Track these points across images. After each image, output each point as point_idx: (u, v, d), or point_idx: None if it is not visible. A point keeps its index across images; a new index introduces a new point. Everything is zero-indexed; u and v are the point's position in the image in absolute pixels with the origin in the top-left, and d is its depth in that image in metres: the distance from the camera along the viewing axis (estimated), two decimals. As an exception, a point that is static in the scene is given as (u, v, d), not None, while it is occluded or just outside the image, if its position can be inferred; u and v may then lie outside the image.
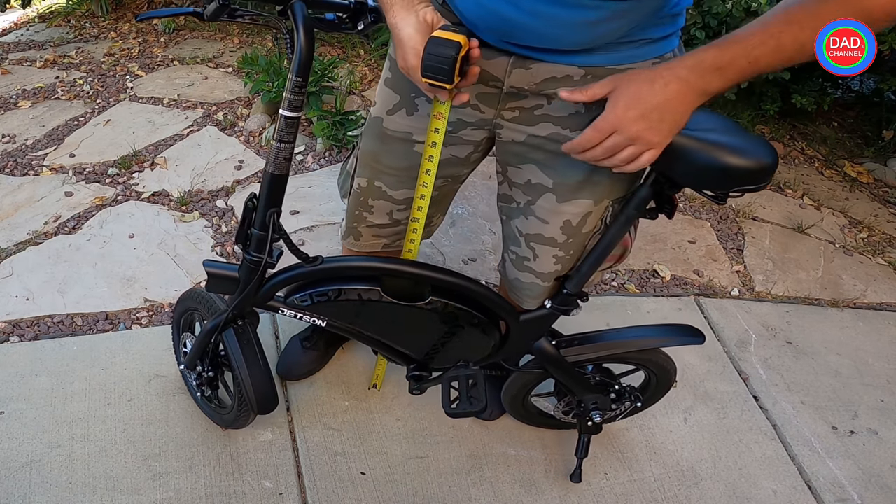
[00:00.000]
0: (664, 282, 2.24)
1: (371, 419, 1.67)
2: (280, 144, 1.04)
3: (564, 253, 1.21)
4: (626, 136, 0.88)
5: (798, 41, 0.81)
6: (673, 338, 1.42)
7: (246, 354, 1.34)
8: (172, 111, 2.88)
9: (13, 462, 1.48)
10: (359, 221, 1.33)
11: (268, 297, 1.23)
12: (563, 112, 1.07)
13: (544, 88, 1.04)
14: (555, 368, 1.39)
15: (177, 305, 1.55)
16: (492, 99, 1.10)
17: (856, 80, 3.53)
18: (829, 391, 1.93)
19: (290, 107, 1.01)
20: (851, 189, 2.97)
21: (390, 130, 1.19)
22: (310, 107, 2.73)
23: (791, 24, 0.81)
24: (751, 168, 0.95)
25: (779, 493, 1.64)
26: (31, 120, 2.78)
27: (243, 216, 1.12)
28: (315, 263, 1.17)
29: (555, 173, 1.13)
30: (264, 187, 1.08)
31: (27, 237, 2.12)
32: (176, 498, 1.45)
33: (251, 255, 1.14)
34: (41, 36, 3.69)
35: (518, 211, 1.22)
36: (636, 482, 1.62)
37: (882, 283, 2.40)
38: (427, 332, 1.31)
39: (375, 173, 1.25)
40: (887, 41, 2.51)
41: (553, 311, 1.28)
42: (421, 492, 1.54)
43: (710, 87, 0.85)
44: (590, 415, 1.46)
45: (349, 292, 1.22)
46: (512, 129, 1.12)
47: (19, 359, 1.71)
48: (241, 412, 1.46)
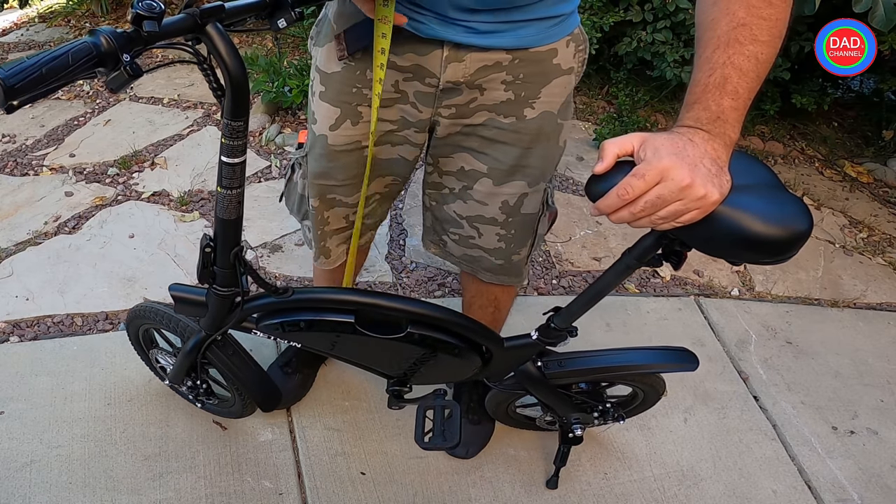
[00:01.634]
0: (664, 282, 2.24)
1: (371, 419, 1.67)
2: (227, 192, 0.95)
3: (506, 231, 1.26)
4: (675, 188, 0.73)
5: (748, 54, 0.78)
6: (665, 364, 1.33)
7: (237, 364, 1.34)
8: (172, 111, 2.88)
9: (13, 462, 1.48)
10: (324, 239, 1.35)
11: (239, 321, 1.20)
12: (496, 100, 1.12)
13: (478, 78, 1.09)
14: (536, 390, 1.34)
15: (127, 327, 1.49)
16: (428, 98, 1.13)
17: (856, 80, 3.53)
18: (829, 391, 1.92)
19: (231, 153, 0.89)
20: (851, 189, 2.97)
21: (338, 146, 1.20)
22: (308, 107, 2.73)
23: (730, 46, 0.78)
24: (779, 238, 0.78)
25: (779, 493, 1.64)
26: (31, 120, 2.78)
27: (202, 259, 1.06)
28: (285, 295, 1.12)
29: (488, 159, 1.18)
30: (219, 232, 1.02)
31: (27, 237, 2.12)
32: (176, 498, 1.45)
33: (219, 290, 1.10)
34: (41, 36, 3.69)
35: (453, 196, 1.26)
36: (636, 482, 1.62)
37: (882, 283, 2.39)
38: (405, 359, 1.26)
39: (327, 189, 1.27)
40: (887, 41, 2.51)
41: (538, 342, 1.23)
42: (421, 492, 1.54)
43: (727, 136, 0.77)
44: (571, 428, 1.44)
45: (322, 324, 1.16)
46: (448, 124, 1.17)
47: (19, 359, 1.71)
48: (245, 402, 1.46)
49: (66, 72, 0.66)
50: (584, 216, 2.48)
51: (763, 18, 0.79)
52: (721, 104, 0.76)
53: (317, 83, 1.19)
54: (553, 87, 1.13)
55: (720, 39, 0.78)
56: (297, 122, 2.81)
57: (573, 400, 1.42)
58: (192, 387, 1.45)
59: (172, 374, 1.42)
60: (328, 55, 1.15)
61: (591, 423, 1.50)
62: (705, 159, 0.74)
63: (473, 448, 1.62)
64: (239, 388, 1.40)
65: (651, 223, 0.77)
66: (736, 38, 0.78)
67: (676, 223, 0.77)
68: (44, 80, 0.65)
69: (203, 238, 1.05)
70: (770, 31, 0.79)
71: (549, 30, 1.07)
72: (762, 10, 0.78)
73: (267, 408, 1.39)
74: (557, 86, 1.14)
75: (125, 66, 0.69)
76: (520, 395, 1.46)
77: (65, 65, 0.66)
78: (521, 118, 1.14)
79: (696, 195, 0.73)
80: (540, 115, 1.15)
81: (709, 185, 0.73)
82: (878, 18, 2.13)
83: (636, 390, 1.47)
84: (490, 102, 1.13)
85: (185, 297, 1.18)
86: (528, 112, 1.14)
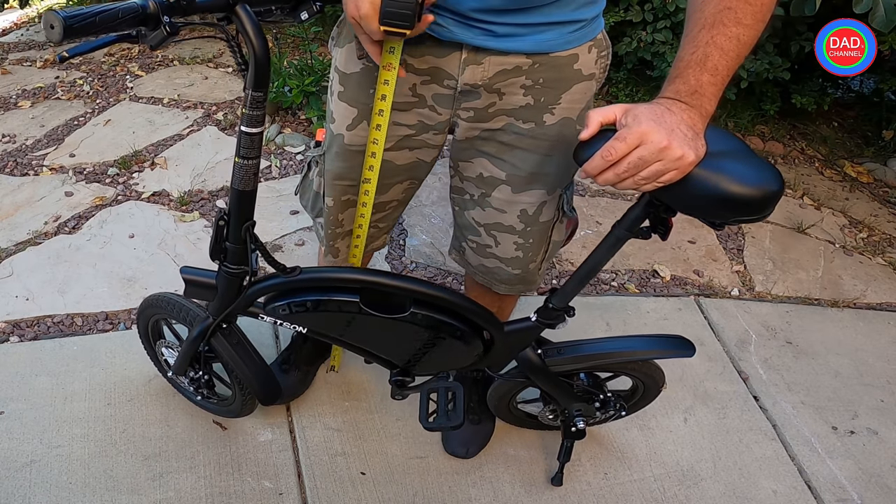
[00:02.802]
0: (664, 282, 2.24)
1: (371, 419, 1.67)
2: (244, 161, 1.01)
3: (524, 240, 1.25)
4: (654, 149, 0.81)
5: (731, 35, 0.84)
6: (662, 350, 1.37)
7: (240, 354, 1.34)
8: (172, 111, 2.88)
9: (13, 462, 1.48)
10: (334, 238, 1.36)
11: (247, 304, 1.22)
12: (515, 105, 1.11)
13: (496, 82, 1.08)
14: (538, 378, 1.36)
15: (139, 318, 1.51)
16: (447, 100, 1.12)
17: (856, 80, 3.53)
18: (829, 391, 1.93)
19: (251, 123, 0.97)
20: (851, 189, 2.97)
21: (353, 146, 1.20)
22: (309, 107, 2.73)
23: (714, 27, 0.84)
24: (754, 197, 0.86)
25: (779, 493, 1.64)
26: (31, 120, 2.78)
27: (215, 233, 1.10)
28: (293, 274, 1.15)
29: (507, 165, 1.17)
30: (234, 204, 1.06)
31: (27, 237, 2.12)
32: (176, 498, 1.45)
33: (230, 268, 1.13)
34: (41, 36, 3.69)
35: (472, 203, 1.25)
36: (636, 482, 1.62)
37: (882, 283, 2.40)
38: (409, 342, 1.28)
39: (343, 190, 1.27)
40: (887, 41, 2.51)
41: (538, 325, 1.25)
42: (421, 492, 1.54)
43: (704, 108, 0.85)
44: (573, 421, 1.45)
45: (328, 303, 1.20)
46: (467, 127, 1.16)
47: (19, 359, 1.71)
48: (245, 399, 1.46)
49: (114, 23, 0.78)
50: (584, 216, 2.48)
51: (748, 3, 0.84)
52: (700, 79, 0.84)
53: (336, 83, 1.19)
54: (574, 94, 1.12)
55: (706, 20, 0.84)
56: (296, 122, 2.82)
57: (574, 390, 1.43)
58: (193, 378, 1.46)
59: (177, 363, 1.43)
60: (348, 56, 1.15)
61: (593, 416, 1.49)
62: (682, 125, 0.82)
63: (473, 448, 1.62)
64: (240, 381, 1.40)
65: (635, 183, 0.85)
66: (721, 20, 0.83)
67: (658, 183, 0.85)
68: (95, 27, 0.76)
69: (218, 212, 1.09)
70: (754, 16, 0.84)
71: (570, 35, 1.06)
72: None
73: (267, 401, 1.38)
74: (578, 92, 1.12)
75: (164, 25, 0.81)
76: (522, 386, 1.46)
77: (114, 17, 0.77)
78: (541, 124, 1.12)
79: (674, 156, 0.81)
80: (560, 121, 1.13)
81: (685, 147, 0.81)
82: (878, 19, 2.13)
83: (636, 382, 1.48)
84: (509, 107, 1.11)
85: (196, 279, 1.21)
86: (548, 118, 1.12)
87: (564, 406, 1.45)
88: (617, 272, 2.24)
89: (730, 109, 3.19)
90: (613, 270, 2.24)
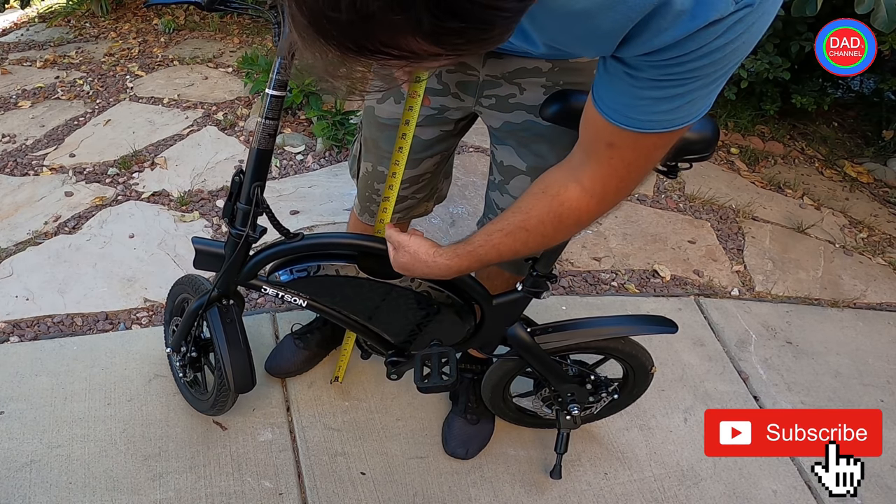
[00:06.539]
0: (664, 282, 2.24)
1: (371, 419, 1.67)
2: (266, 121, 1.11)
3: None
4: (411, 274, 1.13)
5: (511, 249, 1.00)
6: (644, 326, 1.45)
7: (227, 332, 1.36)
8: (172, 111, 2.88)
9: (13, 462, 1.48)
10: (370, 202, 1.40)
11: (251, 274, 1.27)
12: (534, 102, 1.13)
13: (516, 77, 1.11)
14: (530, 356, 1.41)
15: (168, 297, 1.58)
16: (471, 87, 1.17)
17: (856, 80, 3.53)
18: (829, 391, 1.92)
19: (276, 86, 1.08)
20: (851, 189, 2.97)
21: (382, 118, 1.24)
22: (309, 107, 2.73)
23: (507, 236, 0.99)
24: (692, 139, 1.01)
25: (779, 493, 1.64)
26: (31, 120, 2.78)
27: (230, 190, 1.17)
28: (296, 239, 1.22)
29: (530, 158, 1.21)
30: (250, 162, 1.13)
31: (27, 237, 2.12)
32: (176, 498, 1.45)
33: (236, 229, 1.19)
34: (41, 36, 3.69)
35: (494, 186, 1.30)
36: (636, 482, 1.62)
37: (882, 283, 2.39)
38: (404, 314, 1.34)
39: (378, 158, 1.31)
40: (887, 41, 2.51)
41: (525, 294, 1.31)
42: (421, 492, 1.54)
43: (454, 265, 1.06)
44: (567, 408, 1.48)
45: (328, 268, 1.27)
46: (490, 115, 1.19)
47: (19, 359, 1.71)
48: (219, 396, 1.46)
49: None
50: (584, 216, 2.48)
51: (542, 235, 0.97)
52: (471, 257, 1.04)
53: None
54: None
55: (506, 228, 0.99)
56: (297, 121, 2.81)
57: (566, 371, 1.48)
58: (183, 354, 1.47)
59: (175, 336, 1.46)
60: None
61: (586, 400, 1.51)
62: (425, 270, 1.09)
63: (473, 448, 1.62)
64: (221, 364, 1.38)
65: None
66: (514, 235, 0.99)
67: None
68: None
69: (236, 167, 1.17)
70: (540, 245, 1.02)
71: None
72: (546, 229, 0.96)
73: (240, 387, 1.39)
74: None
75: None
76: (515, 371, 1.49)
77: None
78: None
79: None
80: None
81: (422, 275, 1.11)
82: (880, 20, 2.12)
83: (625, 367, 1.51)
84: (529, 103, 1.14)
85: (205, 249, 1.27)
86: None
87: (557, 388, 1.47)
88: (617, 272, 2.24)
89: (730, 109, 3.19)
90: (613, 270, 2.24)
